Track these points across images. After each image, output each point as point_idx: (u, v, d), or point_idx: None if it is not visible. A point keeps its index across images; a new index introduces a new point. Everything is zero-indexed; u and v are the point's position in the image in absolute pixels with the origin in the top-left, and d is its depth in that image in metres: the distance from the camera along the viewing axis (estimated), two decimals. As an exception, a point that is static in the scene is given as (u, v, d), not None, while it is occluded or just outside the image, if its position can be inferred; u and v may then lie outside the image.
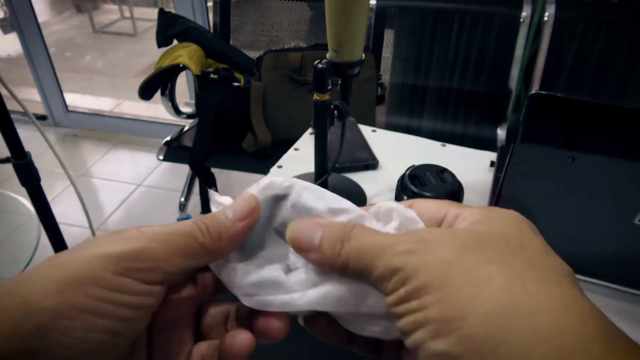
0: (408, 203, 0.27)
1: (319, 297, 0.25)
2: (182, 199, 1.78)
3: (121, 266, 0.23)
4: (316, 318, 0.28)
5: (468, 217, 0.24)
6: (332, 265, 0.24)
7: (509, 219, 0.24)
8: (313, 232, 0.25)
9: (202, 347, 0.27)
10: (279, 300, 0.25)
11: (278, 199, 0.27)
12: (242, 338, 0.26)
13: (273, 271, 0.26)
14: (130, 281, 0.23)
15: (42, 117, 2.59)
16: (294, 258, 0.26)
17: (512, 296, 0.19)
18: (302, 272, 0.26)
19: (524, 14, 1.39)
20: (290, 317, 0.27)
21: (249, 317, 0.27)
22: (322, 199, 0.26)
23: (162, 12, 1.53)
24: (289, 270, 0.26)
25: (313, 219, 0.26)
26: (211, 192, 0.28)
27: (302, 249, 0.25)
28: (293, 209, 0.27)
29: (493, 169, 0.81)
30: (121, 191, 2.12)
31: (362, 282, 0.24)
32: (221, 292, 0.28)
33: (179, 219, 1.81)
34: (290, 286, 0.25)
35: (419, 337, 0.20)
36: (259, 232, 0.28)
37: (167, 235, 0.24)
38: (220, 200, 0.28)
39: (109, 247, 0.23)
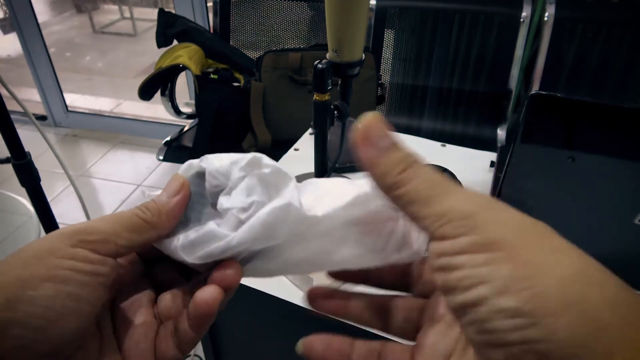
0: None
1: (247, 231, 0.26)
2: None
3: (74, 239, 0.25)
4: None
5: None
6: (384, 175, 0.23)
7: (519, 216, 0.24)
8: (386, 136, 0.24)
9: (167, 299, 0.29)
10: (217, 248, 0.26)
11: (201, 176, 0.30)
12: (210, 290, 0.27)
13: (207, 226, 0.28)
14: (83, 251, 0.25)
15: (42, 117, 2.59)
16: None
17: (584, 266, 0.20)
18: (230, 219, 0.27)
19: (524, 14, 1.39)
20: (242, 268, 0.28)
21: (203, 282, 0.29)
22: (237, 159, 0.29)
23: (162, 12, 1.53)
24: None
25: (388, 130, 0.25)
26: (145, 191, 0.31)
27: (366, 140, 0.24)
28: (211, 177, 0.29)
29: (493, 169, 0.81)
30: (121, 191, 2.12)
31: (406, 211, 0.23)
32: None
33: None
34: (223, 232, 0.27)
35: (481, 292, 0.19)
36: (196, 209, 0.30)
37: (112, 217, 0.27)
38: (154, 193, 0.30)
39: (65, 229, 0.26)
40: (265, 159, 0.29)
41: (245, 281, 0.27)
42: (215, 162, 0.29)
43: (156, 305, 0.29)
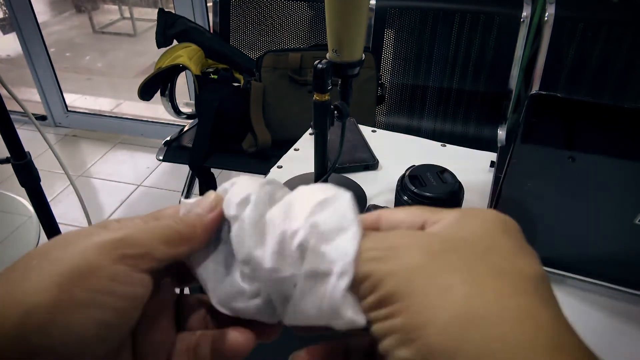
0: (375, 215, 0.26)
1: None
2: (182, 199, 1.78)
3: (116, 253, 0.23)
4: None
5: (442, 221, 0.24)
6: None
7: (482, 219, 0.23)
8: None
9: (187, 338, 0.28)
10: (247, 307, 0.26)
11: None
12: (243, 336, 0.27)
13: (234, 280, 0.26)
14: (125, 269, 0.23)
15: (42, 118, 2.59)
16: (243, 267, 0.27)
17: (470, 306, 0.19)
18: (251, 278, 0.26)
19: (524, 14, 1.39)
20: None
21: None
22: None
23: (162, 12, 1.53)
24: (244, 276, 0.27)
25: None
26: (182, 199, 0.30)
27: None
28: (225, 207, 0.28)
29: (493, 169, 0.81)
30: (121, 191, 2.12)
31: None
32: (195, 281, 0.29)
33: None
34: (248, 289, 0.26)
35: (387, 344, 0.20)
36: (224, 229, 0.28)
37: (146, 225, 0.25)
38: (189, 200, 0.29)
39: (101, 236, 0.23)
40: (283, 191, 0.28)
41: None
42: (234, 193, 0.28)
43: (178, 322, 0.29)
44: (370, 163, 0.83)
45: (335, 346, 0.28)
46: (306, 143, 0.92)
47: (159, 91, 1.54)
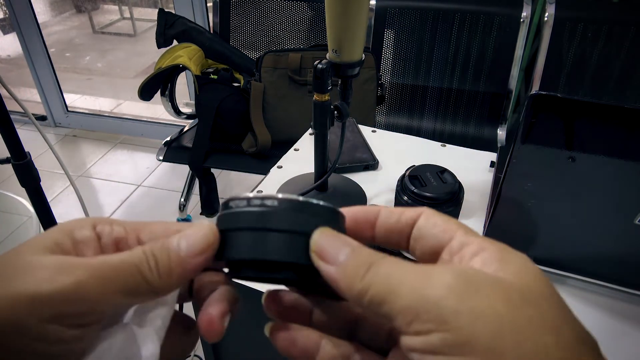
0: (418, 211, 0.25)
1: None
2: (182, 200, 1.78)
3: (48, 312, 0.19)
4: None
5: (480, 253, 0.21)
6: (350, 287, 0.21)
7: (533, 266, 0.21)
8: (341, 247, 0.22)
9: None
10: None
11: None
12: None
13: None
14: (58, 328, 0.20)
15: (42, 118, 2.59)
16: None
17: None
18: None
19: (524, 14, 1.39)
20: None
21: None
22: None
23: (161, 13, 1.53)
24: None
25: (343, 235, 0.23)
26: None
27: (324, 259, 0.23)
28: None
29: (493, 169, 0.81)
30: (121, 191, 2.12)
31: (382, 314, 0.21)
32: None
33: (178, 220, 1.81)
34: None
35: None
36: None
37: (108, 269, 0.21)
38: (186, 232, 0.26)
39: (37, 284, 0.20)
40: None
41: (245, 281, 0.27)
42: None
43: None
44: (370, 163, 0.83)
45: (301, 302, 0.27)
46: (306, 143, 0.92)
47: (159, 91, 1.54)
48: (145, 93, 1.48)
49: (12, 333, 0.19)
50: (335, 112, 0.64)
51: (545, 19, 1.36)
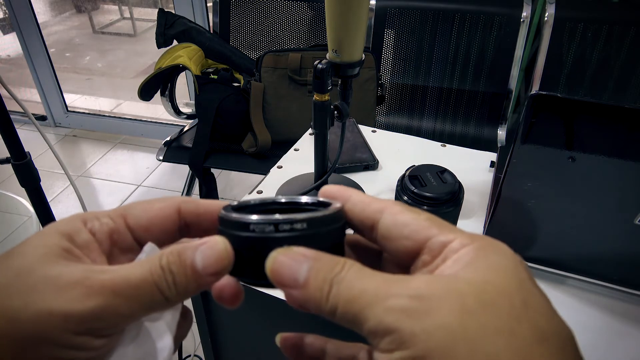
0: (380, 205, 0.24)
1: None
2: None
3: (82, 327, 0.21)
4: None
5: (459, 255, 0.22)
6: (319, 307, 0.22)
7: (506, 260, 0.21)
8: (298, 266, 0.22)
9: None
10: None
11: None
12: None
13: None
14: (87, 339, 0.21)
15: (41, 118, 2.60)
16: None
17: None
18: None
19: (524, 14, 1.39)
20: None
21: None
22: None
23: (161, 12, 1.53)
24: None
25: (297, 249, 0.23)
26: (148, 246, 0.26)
27: (284, 285, 0.22)
28: None
29: (493, 169, 0.81)
30: (121, 191, 2.12)
31: (355, 330, 0.21)
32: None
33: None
34: None
35: None
36: None
37: (132, 290, 0.22)
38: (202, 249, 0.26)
39: (68, 303, 0.21)
40: None
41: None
42: None
43: None
44: (370, 163, 0.83)
45: (314, 341, 0.27)
46: (306, 143, 0.92)
47: (159, 91, 1.54)
48: (145, 93, 1.49)
49: (47, 343, 0.20)
50: (335, 112, 0.64)
51: (545, 19, 1.36)
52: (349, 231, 0.26)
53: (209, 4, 1.79)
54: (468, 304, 0.19)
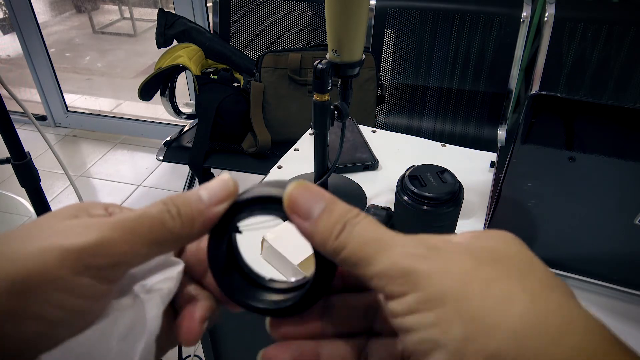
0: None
1: None
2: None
3: (81, 264, 0.20)
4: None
5: (461, 238, 0.22)
6: (323, 244, 0.22)
7: (509, 238, 0.22)
8: (316, 201, 0.22)
9: None
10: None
11: None
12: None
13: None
14: (88, 282, 0.20)
15: (41, 118, 2.59)
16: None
17: (538, 315, 0.18)
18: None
19: (524, 14, 1.39)
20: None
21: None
22: None
23: (161, 13, 1.53)
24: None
25: (318, 188, 0.23)
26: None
27: (296, 213, 0.22)
28: None
29: (493, 169, 0.81)
30: (121, 191, 2.12)
31: (355, 273, 0.21)
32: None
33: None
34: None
35: (438, 358, 0.18)
36: None
37: (130, 222, 0.21)
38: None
39: (66, 238, 0.20)
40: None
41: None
42: None
43: None
44: (370, 163, 0.83)
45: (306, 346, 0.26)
46: (306, 143, 0.92)
47: (159, 91, 1.54)
48: (145, 93, 1.48)
49: (41, 283, 0.19)
50: (335, 112, 0.64)
51: (545, 19, 1.36)
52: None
53: (209, 4, 1.79)
54: (481, 257, 0.20)
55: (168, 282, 0.25)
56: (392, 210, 0.65)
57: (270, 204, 0.23)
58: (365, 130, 0.95)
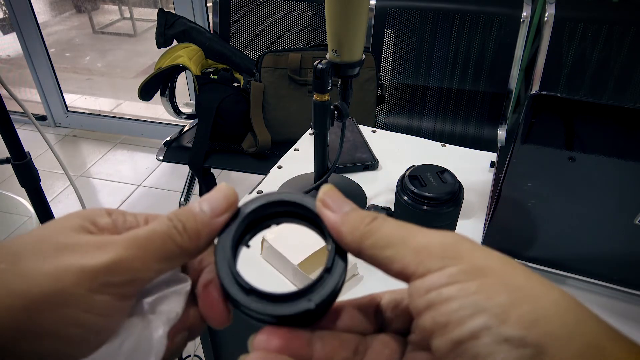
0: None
1: None
2: (182, 200, 1.78)
3: (98, 282, 0.20)
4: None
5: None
6: (352, 231, 0.23)
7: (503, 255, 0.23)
8: (345, 203, 0.24)
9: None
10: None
11: None
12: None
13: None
14: (105, 299, 0.21)
15: (41, 118, 2.59)
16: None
17: (571, 298, 0.19)
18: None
19: (524, 14, 1.39)
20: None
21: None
22: None
23: (161, 13, 1.53)
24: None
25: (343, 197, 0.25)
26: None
27: (328, 207, 0.24)
28: None
29: (493, 169, 0.81)
30: (121, 191, 2.12)
31: (382, 258, 0.22)
32: None
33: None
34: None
35: (480, 322, 0.18)
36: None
37: (143, 240, 0.22)
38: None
39: (82, 257, 0.21)
40: None
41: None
42: None
43: None
44: (370, 163, 0.83)
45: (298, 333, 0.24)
46: (306, 143, 0.92)
47: (159, 91, 1.54)
48: (145, 93, 1.48)
49: (58, 301, 0.20)
50: (335, 112, 0.64)
51: (545, 19, 1.36)
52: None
53: (209, 4, 1.79)
54: (500, 261, 0.21)
55: (175, 301, 0.25)
56: (392, 210, 0.65)
57: (297, 209, 0.25)
58: (365, 130, 0.95)
